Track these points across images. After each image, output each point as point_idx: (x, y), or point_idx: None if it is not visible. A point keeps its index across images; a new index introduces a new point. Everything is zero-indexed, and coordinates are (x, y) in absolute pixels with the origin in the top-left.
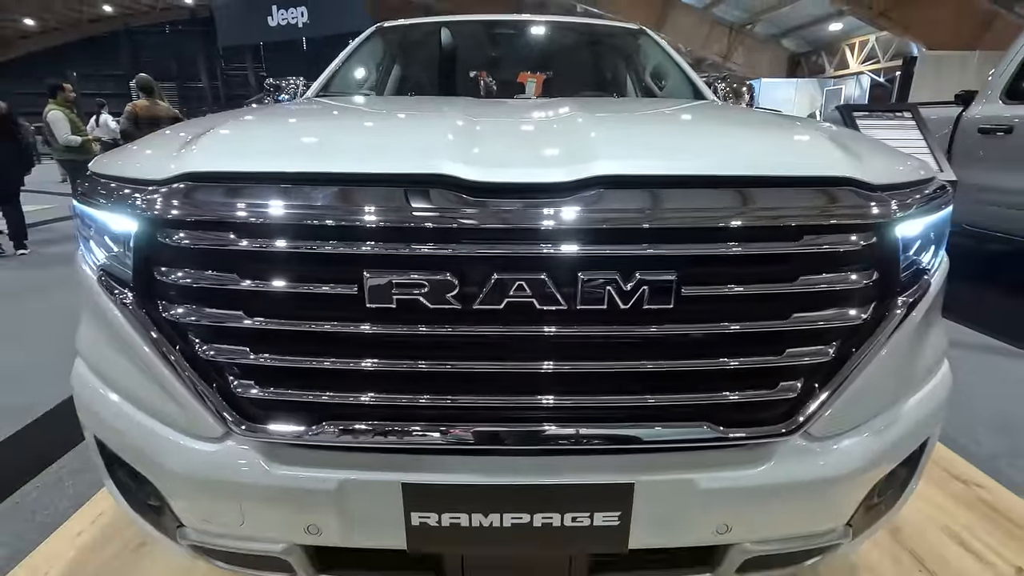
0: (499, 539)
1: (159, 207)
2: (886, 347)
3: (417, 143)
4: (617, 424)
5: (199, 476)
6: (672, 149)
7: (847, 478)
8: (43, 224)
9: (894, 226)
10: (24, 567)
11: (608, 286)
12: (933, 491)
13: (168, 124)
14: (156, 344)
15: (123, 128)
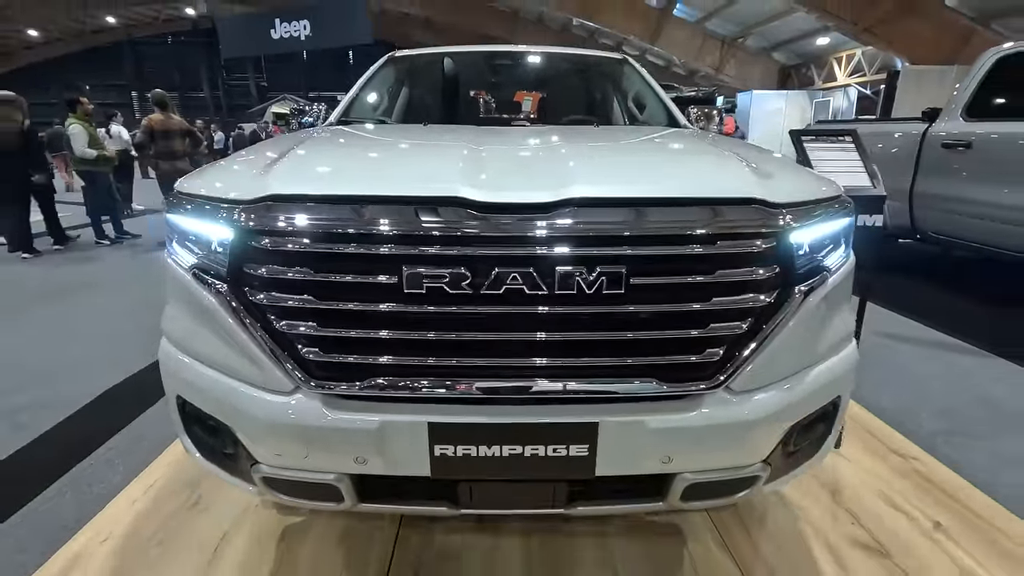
0: (499, 466)
1: (252, 221)
2: (788, 324)
3: (438, 172)
4: (586, 379)
5: (275, 421)
6: (629, 176)
7: (760, 423)
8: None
9: (789, 234)
10: (88, 529)
11: (577, 277)
12: (873, 462)
13: (180, 136)
14: (243, 321)
15: (138, 141)
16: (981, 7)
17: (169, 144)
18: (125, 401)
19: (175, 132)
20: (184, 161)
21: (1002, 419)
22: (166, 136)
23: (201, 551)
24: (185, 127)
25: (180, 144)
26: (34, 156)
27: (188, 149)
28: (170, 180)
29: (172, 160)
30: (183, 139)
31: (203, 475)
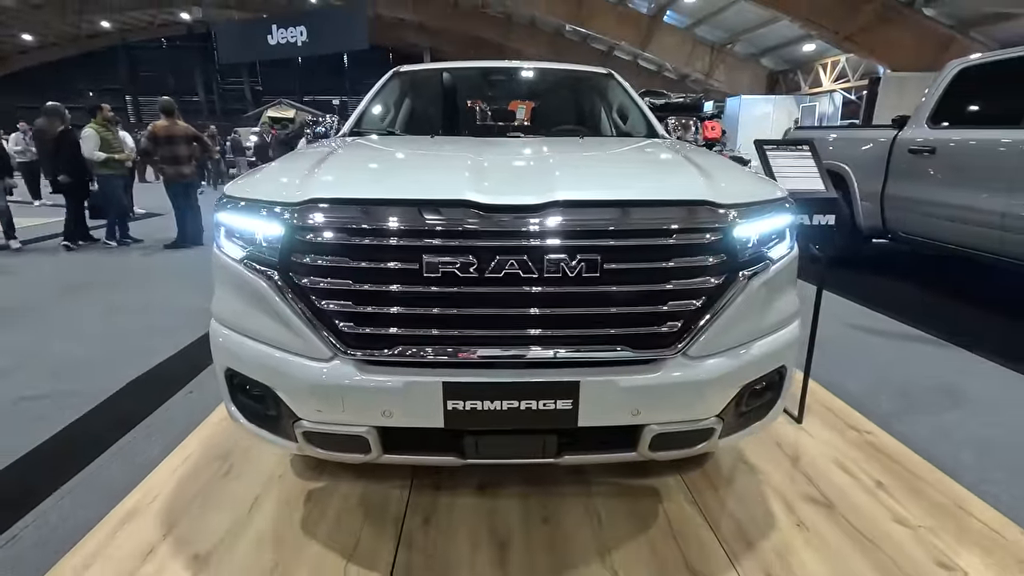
0: (499, 418)
1: (299, 220)
2: (734, 302)
3: (449, 180)
4: (569, 346)
5: (317, 382)
6: (603, 183)
7: (712, 383)
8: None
9: (733, 229)
10: (138, 491)
11: (561, 263)
12: (831, 435)
13: (184, 142)
14: (291, 301)
15: (143, 147)
16: (959, 16)
17: (173, 149)
18: (153, 388)
19: (179, 138)
20: (188, 166)
21: (949, 400)
22: (170, 142)
23: (237, 509)
24: (191, 133)
25: (184, 149)
26: (63, 158)
27: (195, 154)
28: (174, 184)
29: (176, 165)
30: (188, 144)
31: (233, 448)
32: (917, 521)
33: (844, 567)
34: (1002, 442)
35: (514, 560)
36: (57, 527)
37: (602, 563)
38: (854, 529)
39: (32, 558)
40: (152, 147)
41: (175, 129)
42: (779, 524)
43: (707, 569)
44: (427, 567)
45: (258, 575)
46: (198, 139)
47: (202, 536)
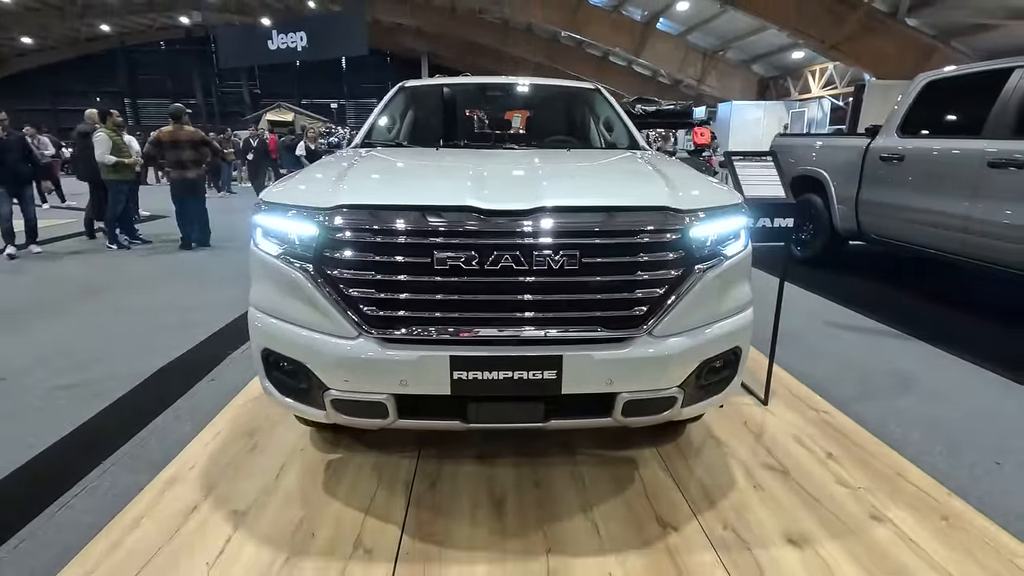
0: (496, 386)
1: (330, 221)
2: (692, 291)
3: (454, 188)
4: (554, 326)
5: (345, 356)
6: (581, 192)
7: (674, 357)
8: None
9: (689, 229)
10: (176, 461)
11: (547, 257)
12: (793, 415)
13: (189, 146)
14: (323, 288)
15: (147, 151)
16: (941, 26)
17: (177, 154)
18: (178, 377)
19: (184, 143)
20: (193, 170)
21: (903, 385)
22: (175, 147)
23: (266, 476)
24: (197, 138)
25: (189, 154)
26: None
27: (203, 158)
28: (179, 188)
29: (180, 169)
30: (193, 149)
31: (258, 427)
32: (858, 484)
33: (791, 520)
34: (948, 422)
35: (510, 515)
36: (107, 492)
37: (585, 517)
38: (803, 490)
39: (87, 518)
40: (155, 151)
41: (180, 134)
42: (739, 487)
43: (674, 521)
44: (434, 521)
45: (289, 526)
46: (206, 143)
47: (238, 497)
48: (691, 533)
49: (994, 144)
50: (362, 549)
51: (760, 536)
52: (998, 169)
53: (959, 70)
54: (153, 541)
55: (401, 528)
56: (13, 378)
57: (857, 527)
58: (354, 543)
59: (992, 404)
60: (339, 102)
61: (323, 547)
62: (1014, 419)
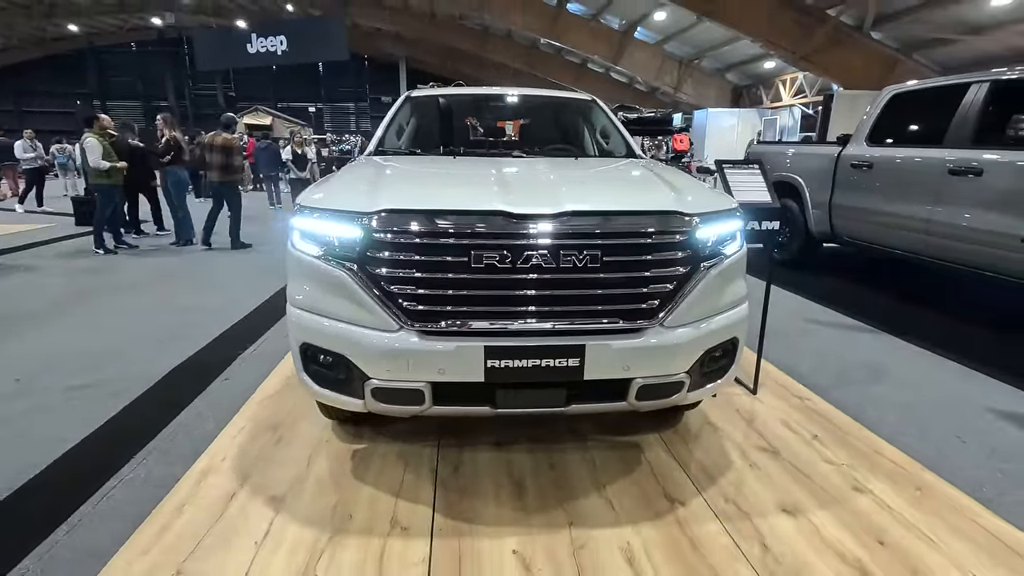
0: (525, 373)
1: (374, 224)
2: (698, 286)
3: (485, 193)
4: (577, 319)
5: (388, 348)
6: (601, 196)
7: (682, 346)
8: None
9: (695, 231)
10: (207, 455)
11: (571, 257)
12: (779, 403)
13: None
14: (367, 286)
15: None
16: (903, 39)
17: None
18: (192, 377)
19: (216, 147)
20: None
21: (876, 375)
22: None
23: (297, 465)
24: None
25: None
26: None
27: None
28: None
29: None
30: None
31: (280, 422)
32: (841, 461)
33: (783, 493)
34: (917, 406)
35: (530, 494)
36: (144, 483)
37: (599, 495)
38: (793, 467)
39: (129, 507)
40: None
41: (216, 139)
42: (735, 466)
43: (680, 497)
44: (461, 501)
45: (326, 509)
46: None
47: (273, 484)
48: (696, 506)
49: (954, 153)
50: (399, 527)
51: (758, 507)
52: (958, 176)
53: (922, 84)
54: (200, 525)
55: (432, 508)
56: (27, 379)
57: (842, 497)
58: (390, 522)
59: (954, 389)
60: (316, 106)
61: (362, 526)
62: (973, 402)
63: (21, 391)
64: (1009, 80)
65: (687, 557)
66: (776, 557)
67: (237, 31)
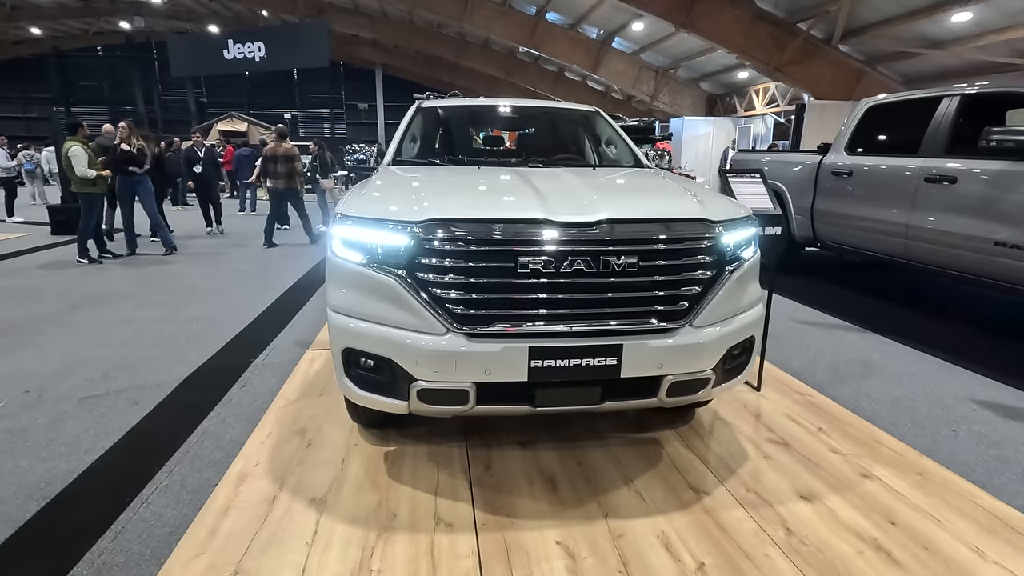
0: (567, 372)
1: (422, 232)
2: (722, 289)
3: (526, 203)
4: (616, 320)
5: (436, 350)
6: (633, 205)
7: (709, 344)
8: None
9: (721, 237)
10: (239, 459)
11: (610, 261)
12: (782, 398)
13: (283, 160)
14: (415, 292)
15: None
16: (869, 52)
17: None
18: (208, 384)
19: (282, 157)
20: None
21: (866, 371)
22: (276, 160)
23: (332, 468)
24: (293, 152)
25: (283, 167)
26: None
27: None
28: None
29: (277, 179)
30: (287, 163)
31: (306, 426)
32: (846, 451)
33: (798, 481)
34: (907, 399)
35: (563, 489)
36: (181, 489)
37: (628, 488)
38: (803, 458)
39: (170, 512)
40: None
41: (279, 150)
42: (751, 457)
43: (704, 487)
44: (498, 497)
45: (369, 508)
46: (291, 157)
47: (312, 486)
48: (720, 496)
49: (929, 162)
50: (442, 523)
51: (777, 494)
52: (933, 183)
53: (896, 97)
54: (247, 526)
55: (471, 504)
56: (37, 391)
57: (851, 483)
58: (434, 519)
59: (939, 383)
60: (292, 111)
61: (407, 523)
62: (958, 395)
63: (36, 402)
64: (978, 94)
65: (720, 542)
66: (800, 539)
67: (214, 37)
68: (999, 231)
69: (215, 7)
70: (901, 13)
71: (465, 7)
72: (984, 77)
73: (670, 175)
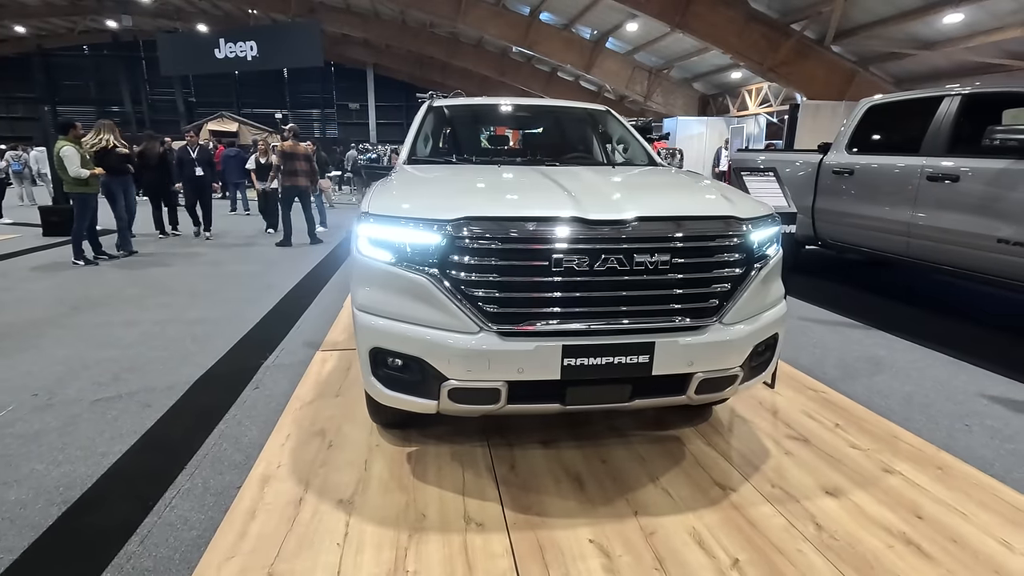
0: (599, 370)
1: (454, 231)
2: (750, 286)
3: (555, 201)
4: (648, 318)
5: (469, 349)
6: (665, 202)
7: (738, 341)
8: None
9: (749, 235)
10: (261, 461)
11: (644, 259)
12: (796, 395)
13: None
14: (447, 290)
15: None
16: (860, 53)
17: (293, 165)
18: (220, 386)
19: (300, 156)
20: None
21: (875, 367)
22: (293, 158)
23: (355, 469)
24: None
25: (302, 165)
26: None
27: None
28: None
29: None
30: (306, 161)
31: (325, 427)
32: (865, 446)
33: (822, 477)
34: (918, 395)
35: (590, 488)
36: (204, 492)
37: (654, 485)
38: (824, 454)
39: (196, 515)
40: (280, 163)
41: (297, 148)
42: (772, 453)
43: (729, 484)
44: (526, 496)
45: (398, 509)
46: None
47: (337, 488)
48: (746, 492)
49: (931, 160)
50: (473, 523)
51: (802, 490)
52: (935, 182)
53: (897, 96)
54: (276, 528)
55: (500, 504)
56: (46, 394)
57: (874, 478)
58: (464, 518)
59: (948, 379)
60: (283, 111)
61: (438, 523)
62: (967, 390)
63: (46, 406)
64: (979, 94)
65: (752, 538)
66: (831, 534)
67: (204, 35)
68: (1002, 228)
69: (204, 6)
70: (893, 14)
71: (459, 7)
72: (974, 78)
73: (688, 173)
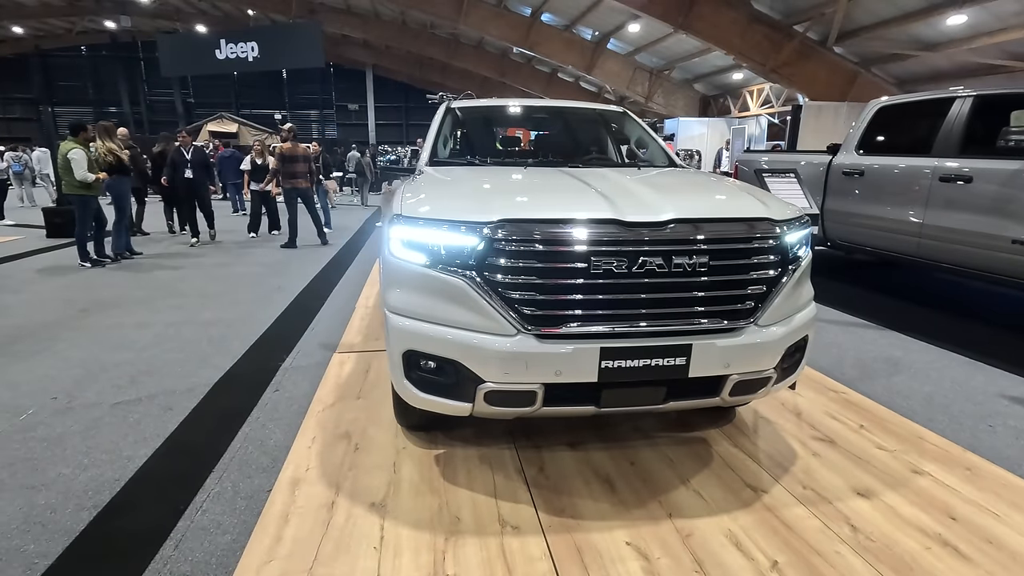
0: (636, 372)
1: (494, 233)
2: (784, 288)
3: (591, 203)
4: (685, 319)
5: (507, 352)
6: (700, 204)
7: (773, 343)
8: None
9: (784, 236)
10: (288, 465)
11: (682, 261)
12: (817, 396)
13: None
14: (485, 293)
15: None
16: (862, 55)
17: (292, 167)
18: (239, 389)
19: (299, 157)
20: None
21: (893, 368)
22: (293, 160)
23: (384, 472)
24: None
25: (302, 167)
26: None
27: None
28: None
29: (292, 179)
30: (305, 163)
31: (350, 430)
32: (892, 447)
33: (852, 478)
34: (939, 396)
35: (622, 490)
36: (234, 495)
37: (686, 487)
38: (851, 455)
39: (228, 519)
40: (279, 165)
41: (297, 150)
42: (800, 455)
43: (760, 485)
44: (559, 499)
45: (431, 512)
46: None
47: (368, 491)
48: (778, 493)
49: (944, 161)
50: (508, 526)
51: (834, 491)
52: (948, 183)
53: (906, 98)
54: (312, 533)
55: (533, 506)
56: (65, 397)
57: (904, 479)
58: (498, 521)
59: (966, 380)
60: (283, 112)
61: (472, 527)
62: (987, 390)
63: (66, 409)
64: (991, 95)
65: (788, 540)
66: (867, 536)
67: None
68: (1016, 229)
69: (204, 6)
70: (896, 16)
71: (460, 8)
72: (976, 79)
73: (715, 175)
